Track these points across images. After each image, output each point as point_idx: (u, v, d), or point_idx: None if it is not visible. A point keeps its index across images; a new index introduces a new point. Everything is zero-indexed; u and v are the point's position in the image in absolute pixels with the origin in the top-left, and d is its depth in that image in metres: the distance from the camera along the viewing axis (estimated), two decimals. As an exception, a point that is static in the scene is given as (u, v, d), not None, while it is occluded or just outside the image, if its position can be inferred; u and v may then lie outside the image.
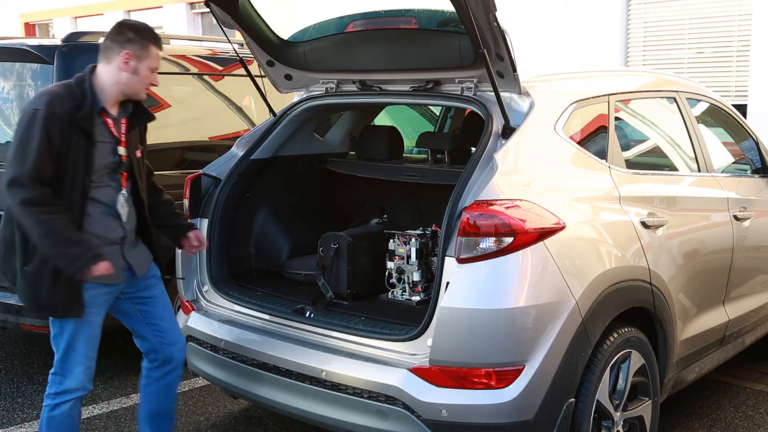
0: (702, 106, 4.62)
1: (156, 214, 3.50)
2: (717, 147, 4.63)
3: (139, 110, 3.30)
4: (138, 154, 3.30)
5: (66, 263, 3.02)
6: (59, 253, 3.00)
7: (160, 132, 5.07)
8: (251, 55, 4.04)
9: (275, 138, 4.11)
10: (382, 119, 5.28)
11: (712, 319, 4.09)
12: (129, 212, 3.27)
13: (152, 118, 3.40)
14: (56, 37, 13.35)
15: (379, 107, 4.95)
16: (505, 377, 2.96)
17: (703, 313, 4.00)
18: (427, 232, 3.81)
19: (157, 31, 3.34)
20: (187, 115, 5.45)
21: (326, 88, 3.96)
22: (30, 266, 3.06)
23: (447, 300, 2.99)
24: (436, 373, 3.01)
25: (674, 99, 4.26)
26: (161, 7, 17.45)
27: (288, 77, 4.05)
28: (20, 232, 3.05)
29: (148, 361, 3.54)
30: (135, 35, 3.15)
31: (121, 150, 3.20)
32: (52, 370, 3.24)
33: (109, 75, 3.15)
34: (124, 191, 3.23)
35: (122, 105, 3.23)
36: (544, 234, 3.02)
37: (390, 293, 3.80)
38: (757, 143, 4.85)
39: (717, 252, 4.12)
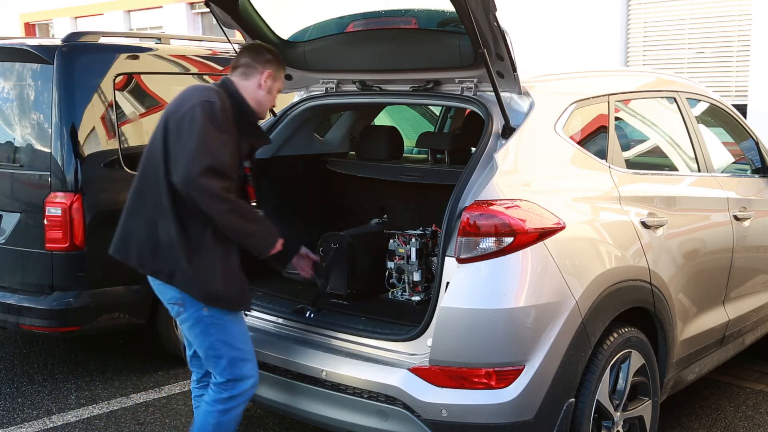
0: (702, 106, 4.62)
1: None
2: (717, 147, 4.63)
3: (259, 131, 3.43)
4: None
5: (256, 243, 3.16)
6: (253, 233, 3.13)
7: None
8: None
9: (275, 138, 4.11)
10: (382, 119, 5.28)
11: (712, 319, 4.09)
12: None
13: (269, 141, 3.61)
14: (56, 37, 13.36)
15: (379, 107, 4.95)
16: (505, 377, 2.96)
17: (703, 313, 4.00)
18: (427, 232, 3.81)
19: (157, 31, 3.40)
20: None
21: (326, 88, 3.96)
22: (197, 261, 3.05)
23: (447, 300, 2.99)
24: (436, 373, 3.01)
25: (674, 99, 4.26)
26: (161, 7, 17.45)
27: (288, 77, 4.05)
28: (180, 226, 3.03)
29: (200, 386, 3.44)
30: (273, 57, 3.32)
31: (246, 162, 3.32)
32: (217, 381, 3.18)
33: (248, 90, 3.25)
34: (253, 203, 3.33)
35: None
36: (544, 234, 3.02)
37: (390, 293, 3.80)
38: (757, 143, 4.85)
39: (717, 252, 4.12)
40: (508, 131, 3.24)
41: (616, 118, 3.81)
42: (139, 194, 3.13)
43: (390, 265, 3.80)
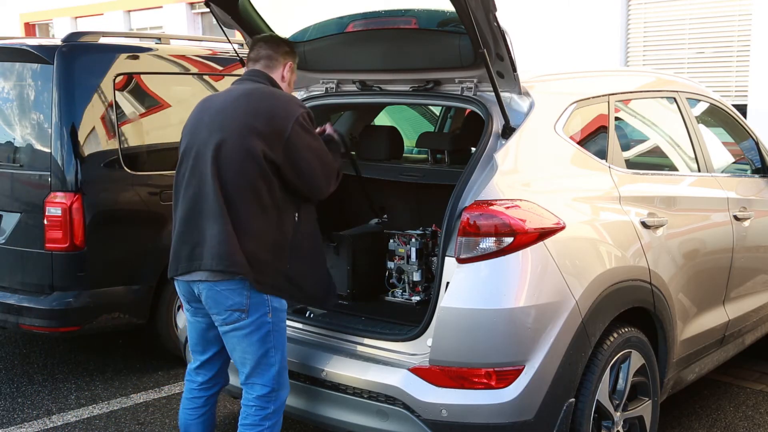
0: (702, 106, 4.62)
1: None
2: (717, 147, 4.63)
3: None
4: None
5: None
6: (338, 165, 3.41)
7: (160, 132, 5.09)
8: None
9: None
10: (382, 119, 5.28)
11: (712, 319, 4.09)
12: None
13: None
14: (56, 37, 13.36)
15: (379, 107, 4.95)
16: (505, 377, 2.95)
17: (703, 313, 4.00)
18: (427, 232, 3.81)
19: (157, 31, 3.40)
20: (187, 115, 5.44)
21: (326, 88, 3.96)
22: (310, 264, 3.22)
23: (447, 300, 3.00)
24: (436, 373, 3.01)
25: (674, 99, 4.26)
26: (161, 7, 17.44)
27: (288, 77, 4.05)
28: (294, 232, 3.14)
29: (205, 388, 3.38)
30: (290, 48, 3.38)
31: None
32: (261, 392, 3.13)
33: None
34: None
35: None
36: (544, 234, 3.02)
37: (390, 293, 3.80)
38: (757, 143, 4.85)
39: (717, 252, 4.12)
40: (508, 131, 3.24)
41: (616, 118, 3.81)
42: (229, 204, 3.01)
43: (390, 265, 3.80)
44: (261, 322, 3.08)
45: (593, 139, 3.66)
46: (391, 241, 3.82)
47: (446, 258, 3.04)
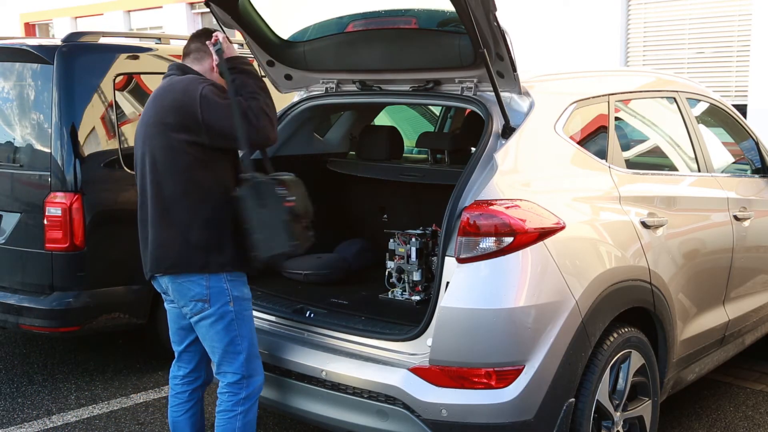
0: (702, 106, 4.62)
1: None
2: (717, 147, 4.63)
3: None
4: None
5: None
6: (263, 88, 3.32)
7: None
8: (251, 55, 4.04)
9: (275, 138, 4.11)
10: (382, 119, 5.29)
11: (712, 319, 4.09)
12: None
13: None
14: (56, 37, 13.36)
15: (379, 107, 4.95)
16: (505, 377, 2.96)
17: (703, 313, 4.00)
18: (427, 231, 3.81)
19: (157, 31, 3.40)
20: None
21: (326, 88, 3.96)
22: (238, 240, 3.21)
23: (447, 300, 3.00)
24: (436, 373, 3.01)
25: (674, 99, 4.26)
26: (161, 7, 17.45)
27: (288, 77, 4.05)
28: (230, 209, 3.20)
29: (186, 381, 3.46)
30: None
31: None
32: (231, 380, 3.21)
33: (204, 74, 3.30)
34: None
35: None
36: (544, 234, 3.03)
37: (390, 293, 3.80)
38: (757, 143, 4.85)
39: (717, 252, 4.12)
40: (508, 131, 3.24)
41: (616, 118, 3.81)
42: (171, 206, 3.12)
43: (390, 264, 3.80)
44: (223, 311, 3.16)
45: (593, 139, 3.66)
46: (391, 240, 3.83)
47: (446, 258, 3.04)
